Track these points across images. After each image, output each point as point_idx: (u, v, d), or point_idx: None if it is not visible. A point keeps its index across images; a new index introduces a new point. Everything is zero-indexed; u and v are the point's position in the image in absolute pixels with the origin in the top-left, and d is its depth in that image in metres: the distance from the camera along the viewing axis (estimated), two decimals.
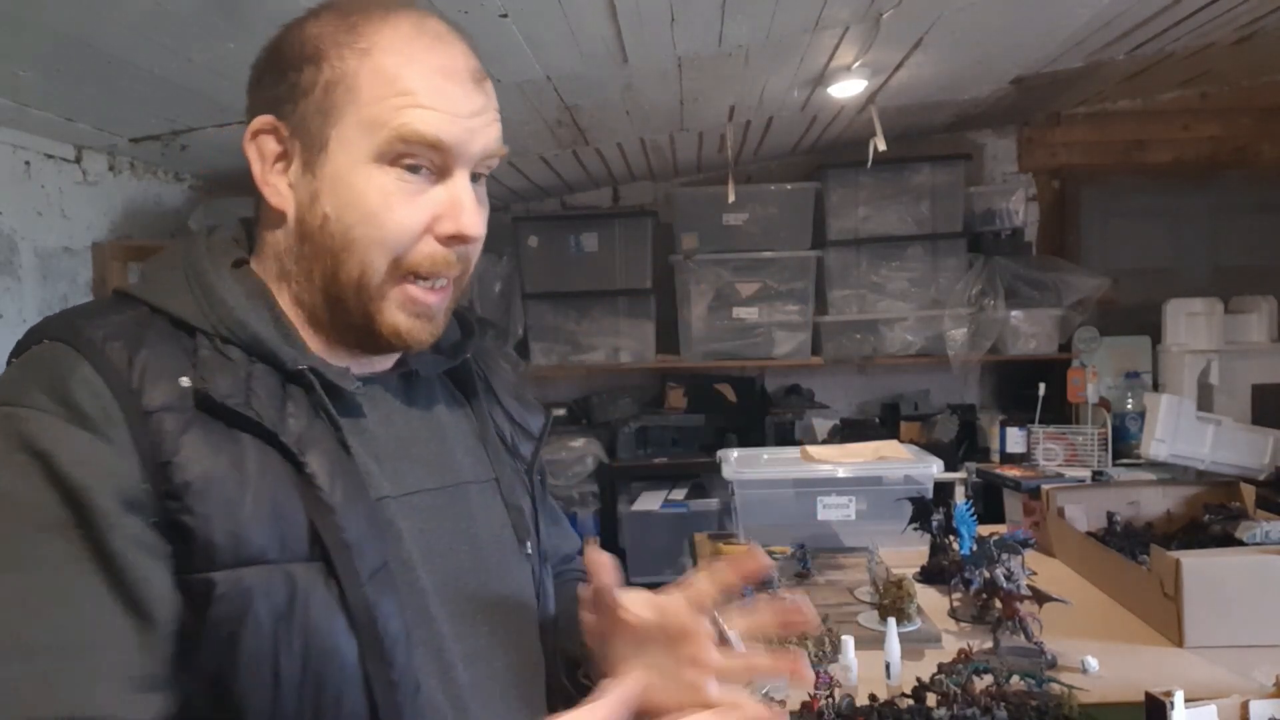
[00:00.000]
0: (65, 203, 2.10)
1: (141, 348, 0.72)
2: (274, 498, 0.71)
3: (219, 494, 0.69)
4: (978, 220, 3.60)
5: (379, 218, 0.77)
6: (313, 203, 0.78)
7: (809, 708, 1.24)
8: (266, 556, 0.70)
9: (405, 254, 0.78)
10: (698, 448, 3.56)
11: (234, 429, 0.72)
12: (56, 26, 1.38)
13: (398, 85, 0.76)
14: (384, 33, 0.77)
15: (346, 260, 0.78)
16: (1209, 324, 3.32)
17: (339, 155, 0.77)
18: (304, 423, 0.75)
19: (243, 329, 0.76)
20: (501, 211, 3.80)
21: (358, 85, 0.76)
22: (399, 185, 0.77)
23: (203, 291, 0.77)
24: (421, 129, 0.75)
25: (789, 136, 3.38)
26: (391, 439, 0.82)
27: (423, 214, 0.78)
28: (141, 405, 0.70)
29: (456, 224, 0.78)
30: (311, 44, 0.78)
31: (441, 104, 0.76)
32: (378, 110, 0.76)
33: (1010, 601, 1.49)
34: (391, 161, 0.76)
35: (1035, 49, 2.64)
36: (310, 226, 0.79)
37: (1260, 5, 2.42)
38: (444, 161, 0.78)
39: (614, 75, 2.15)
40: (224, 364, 0.74)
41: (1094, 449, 3.11)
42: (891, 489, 2.11)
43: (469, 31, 0.83)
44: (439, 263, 0.79)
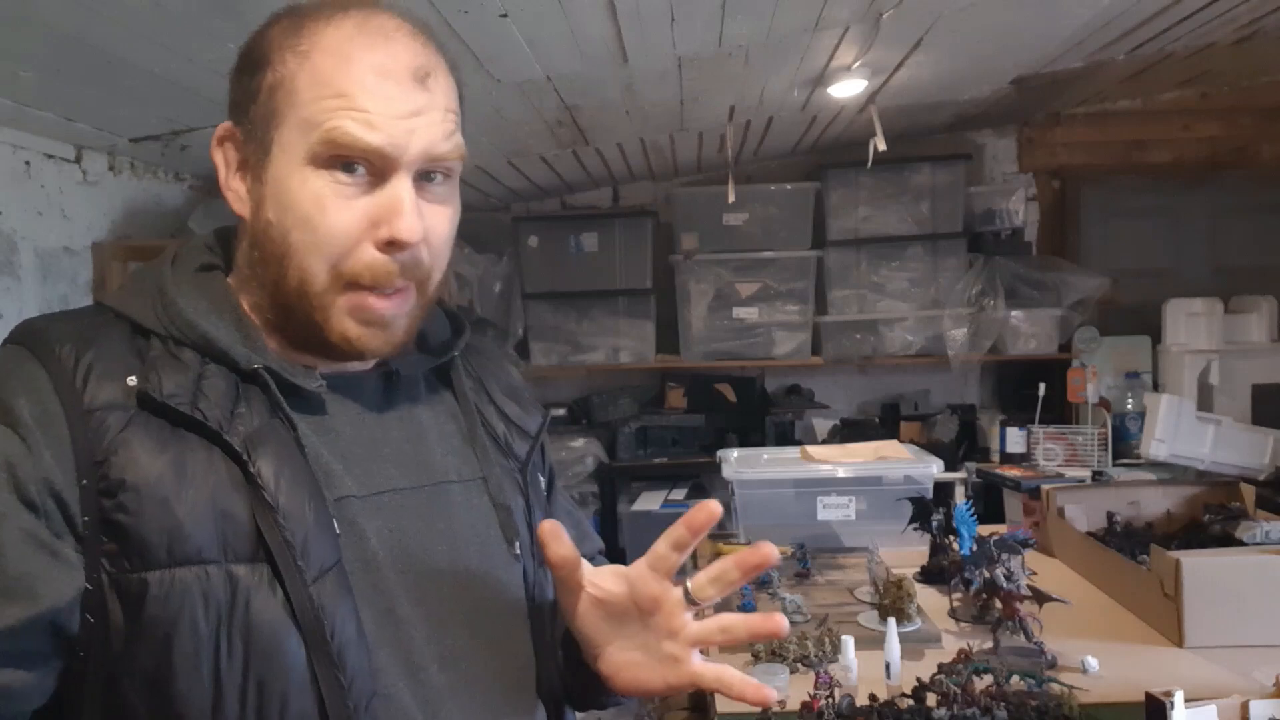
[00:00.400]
0: (65, 203, 2.10)
1: (90, 349, 0.73)
2: (215, 498, 0.71)
3: (155, 493, 0.69)
4: (978, 220, 3.60)
5: (311, 221, 0.75)
6: (259, 208, 0.77)
7: (809, 708, 1.24)
8: (204, 556, 0.69)
9: (343, 261, 0.76)
10: (698, 448, 3.56)
11: (179, 429, 0.72)
12: (56, 26, 1.38)
13: (332, 86, 0.74)
14: (326, 33, 0.76)
15: (288, 267, 0.76)
16: (1209, 324, 3.32)
17: (279, 159, 0.76)
18: (255, 423, 0.74)
19: (192, 329, 0.75)
20: (501, 211, 3.80)
21: (295, 88, 0.75)
22: (333, 188, 0.75)
23: (159, 295, 0.77)
24: (352, 130, 0.73)
25: (789, 136, 3.38)
26: (361, 439, 0.81)
27: (358, 218, 0.75)
28: (83, 404, 0.70)
29: (391, 229, 0.75)
30: (261, 49, 0.77)
31: (374, 105, 0.74)
32: (311, 112, 0.74)
33: (1010, 601, 1.49)
34: (325, 165, 0.75)
35: (1035, 49, 2.64)
36: (258, 232, 0.78)
37: (1260, 5, 2.42)
38: (381, 164, 0.75)
39: (614, 75, 2.15)
40: (174, 365, 0.74)
41: (1094, 449, 3.11)
42: (891, 489, 2.11)
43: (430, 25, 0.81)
44: (378, 272, 0.76)
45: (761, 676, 1.35)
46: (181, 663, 0.67)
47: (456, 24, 1.62)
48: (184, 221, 2.47)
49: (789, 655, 1.45)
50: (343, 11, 0.77)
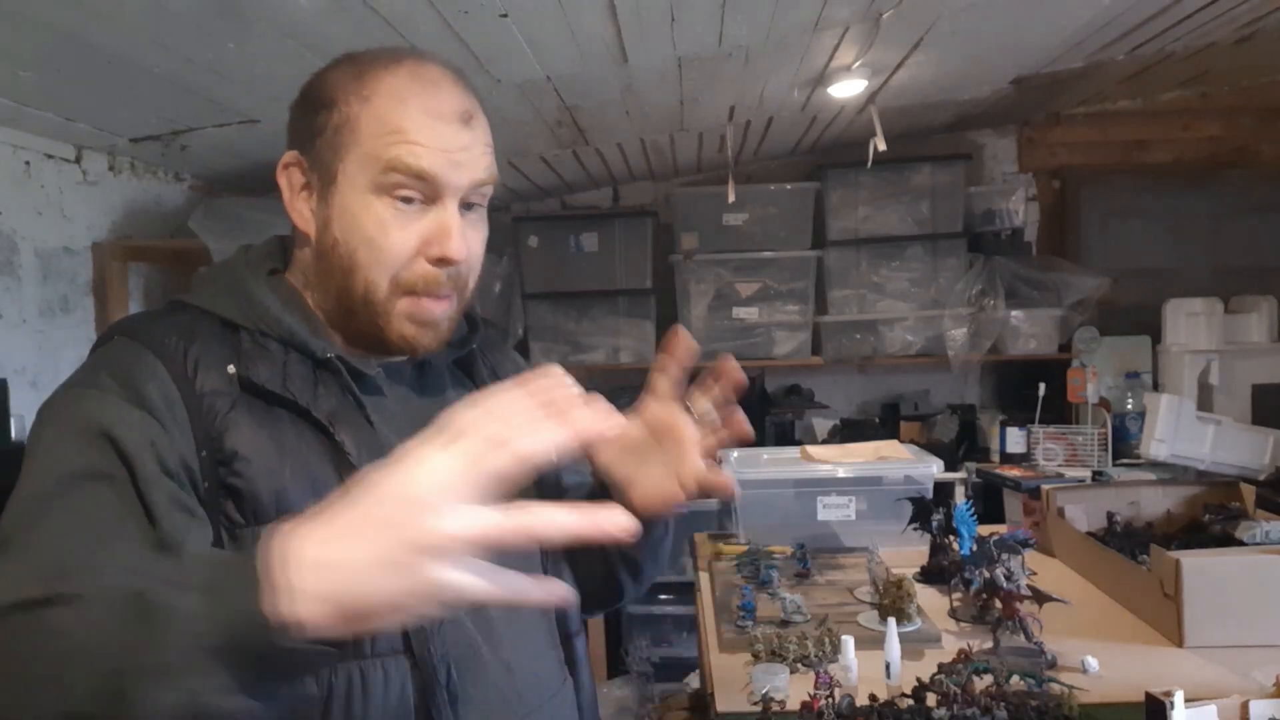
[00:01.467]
0: (65, 203, 2.10)
1: (194, 342, 0.87)
2: (309, 464, 0.85)
3: (262, 461, 0.83)
4: (978, 220, 3.60)
5: (376, 242, 0.89)
6: (326, 228, 0.91)
7: (809, 708, 1.24)
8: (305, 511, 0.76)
9: (400, 273, 0.90)
10: None
11: (274, 408, 0.86)
12: (56, 26, 1.38)
13: (390, 124, 0.87)
14: (384, 81, 0.89)
15: (354, 279, 0.90)
16: (1209, 324, 3.32)
17: (344, 187, 0.90)
18: (334, 402, 0.88)
19: (278, 325, 0.89)
20: (501, 211, 3.80)
21: (359, 127, 0.88)
22: (393, 213, 0.88)
23: (243, 295, 0.91)
24: (409, 160, 0.87)
25: (789, 136, 3.38)
26: (411, 418, 0.91)
27: (414, 239, 0.89)
28: (195, 389, 0.84)
29: (443, 248, 0.89)
30: (328, 91, 0.91)
31: (427, 139, 0.87)
32: (373, 147, 0.88)
33: (1010, 601, 1.49)
34: (387, 192, 0.88)
35: (1035, 49, 2.64)
36: (325, 248, 0.92)
37: (1260, 5, 2.42)
38: (433, 191, 0.89)
39: (614, 75, 2.15)
40: (264, 354, 0.88)
41: (1094, 449, 3.11)
42: (891, 489, 2.11)
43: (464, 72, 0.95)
44: (431, 282, 0.91)
45: (761, 677, 1.35)
46: None
47: (456, 24, 1.62)
48: (184, 221, 2.47)
49: (789, 655, 1.45)
50: (397, 61, 0.91)
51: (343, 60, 0.94)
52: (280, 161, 0.94)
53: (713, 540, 2.24)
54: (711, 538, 2.28)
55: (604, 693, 3.22)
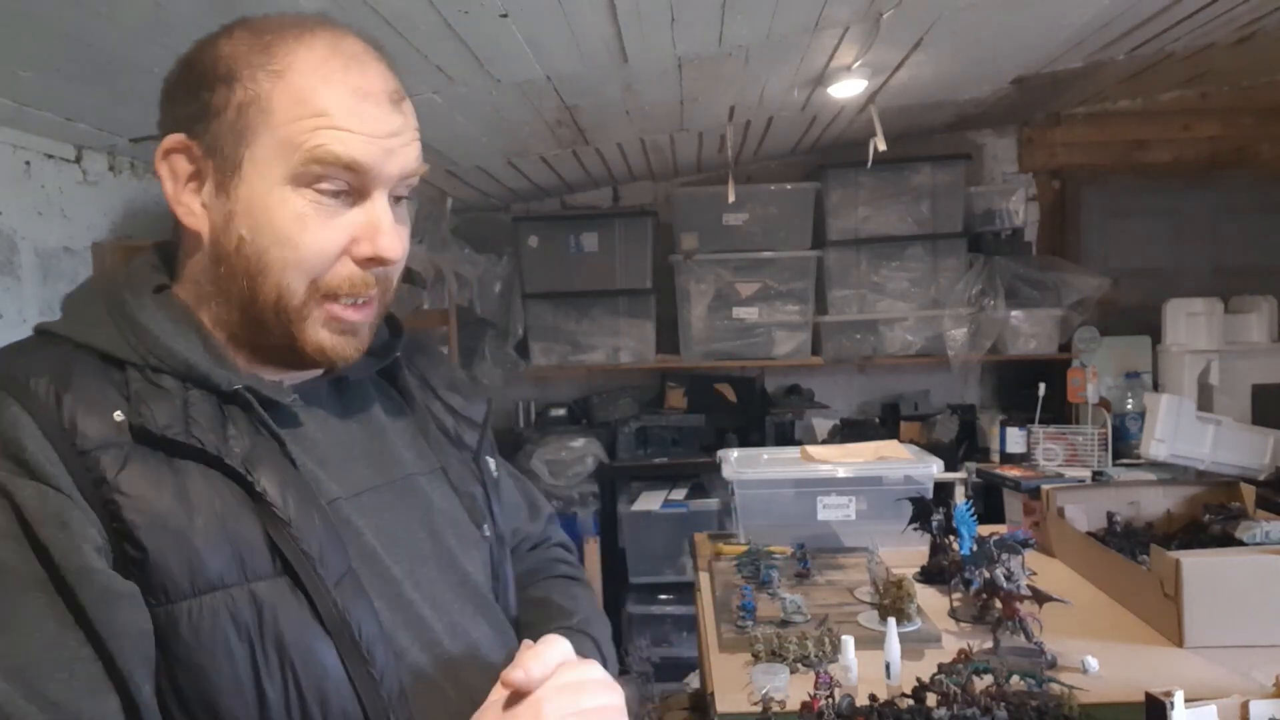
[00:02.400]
0: (65, 203, 2.10)
1: (69, 385, 0.72)
2: (225, 521, 0.72)
3: (169, 526, 0.70)
4: (978, 220, 3.60)
5: (294, 240, 0.76)
6: (227, 225, 0.78)
7: (809, 708, 1.24)
8: (226, 580, 0.71)
9: (322, 276, 0.78)
10: (698, 448, 3.56)
11: (175, 458, 0.72)
12: (56, 26, 1.38)
13: (312, 106, 0.75)
14: (299, 53, 0.77)
15: (263, 283, 0.77)
16: (1209, 324, 3.32)
17: (253, 177, 0.76)
18: (247, 442, 0.75)
19: (172, 357, 0.76)
20: (501, 211, 3.80)
21: (271, 106, 0.76)
22: (314, 207, 0.77)
23: (126, 323, 0.77)
24: (336, 150, 0.75)
25: (789, 136, 3.38)
26: (333, 443, 0.84)
27: (339, 236, 0.78)
28: (75, 446, 0.69)
29: (374, 246, 0.78)
30: (225, 63, 0.78)
31: (357, 125, 0.76)
32: (291, 131, 0.75)
33: (1010, 601, 1.49)
34: (307, 184, 0.76)
35: (1035, 49, 2.64)
36: (225, 249, 0.78)
37: (1260, 5, 2.42)
38: (361, 183, 0.78)
39: (614, 75, 2.15)
40: (158, 394, 0.74)
41: (1094, 449, 3.11)
42: (891, 489, 2.11)
43: (388, 50, 0.83)
44: (357, 285, 0.80)
45: (761, 677, 1.35)
46: (224, 684, 0.70)
47: (456, 24, 1.62)
48: None
49: (789, 655, 1.45)
50: (310, 32, 0.78)
51: (237, 27, 0.80)
52: (159, 147, 0.81)
53: (713, 540, 2.24)
54: (711, 538, 2.28)
55: None
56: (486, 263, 3.52)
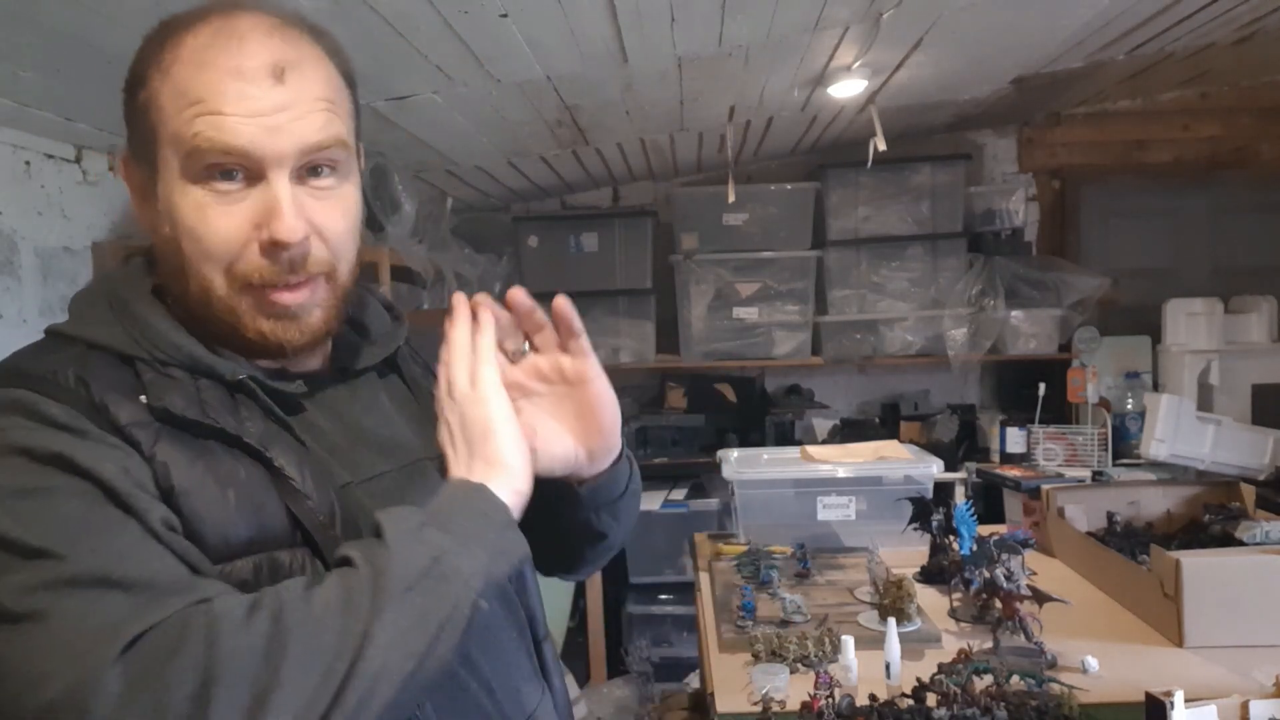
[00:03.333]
0: (65, 203, 2.10)
1: (93, 376, 0.74)
2: (251, 495, 0.75)
3: (204, 496, 0.73)
4: (978, 220, 3.60)
5: (195, 231, 0.77)
6: (158, 226, 0.79)
7: (809, 708, 1.24)
8: (252, 548, 0.74)
9: (234, 265, 0.78)
10: (698, 448, 3.56)
11: (199, 439, 0.75)
12: (57, 26, 1.38)
13: (189, 95, 0.75)
14: (185, 43, 0.76)
15: (189, 278, 0.79)
16: (1209, 324, 3.32)
17: (164, 175, 0.77)
18: (260, 426, 0.78)
19: (178, 350, 0.77)
20: (501, 211, 3.80)
21: (162, 104, 0.76)
22: (213, 196, 0.76)
23: (131, 321, 0.78)
24: (211, 135, 0.74)
25: (789, 136, 3.38)
26: (339, 431, 0.86)
27: (240, 223, 0.77)
28: (112, 420, 0.72)
29: (270, 230, 0.76)
30: (137, 67, 0.79)
31: (231, 106, 0.74)
32: (176, 125, 0.75)
33: (1010, 601, 1.49)
34: (200, 174, 0.76)
35: (1035, 49, 2.64)
36: (163, 250, 0.80)
37: (1260, 5, 2.42)
38: (253, 166, 0.76)
39: (614, 75, 2.15)
40: (172, 383, 0.76)
41: (1094, 449, 3.11)
42: (891, 489, 2.11)
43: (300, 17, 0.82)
44: (267, 273, 0.78)
45: (761, 677, 1.35)
46: None
47: (456, 24, 1.62)
48: None
49: (789, 655, 1.45)
50: (202, 19, 0.77)
51: (158, 25, 0.80)
52: (119, 159, 0.83)
53: (713, 540, 2.24)
54: (711, 538, 2.28)
55: (604, 693, 3.22)
56: (486, 263, 3.52)
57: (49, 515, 0.67)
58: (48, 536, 0.66)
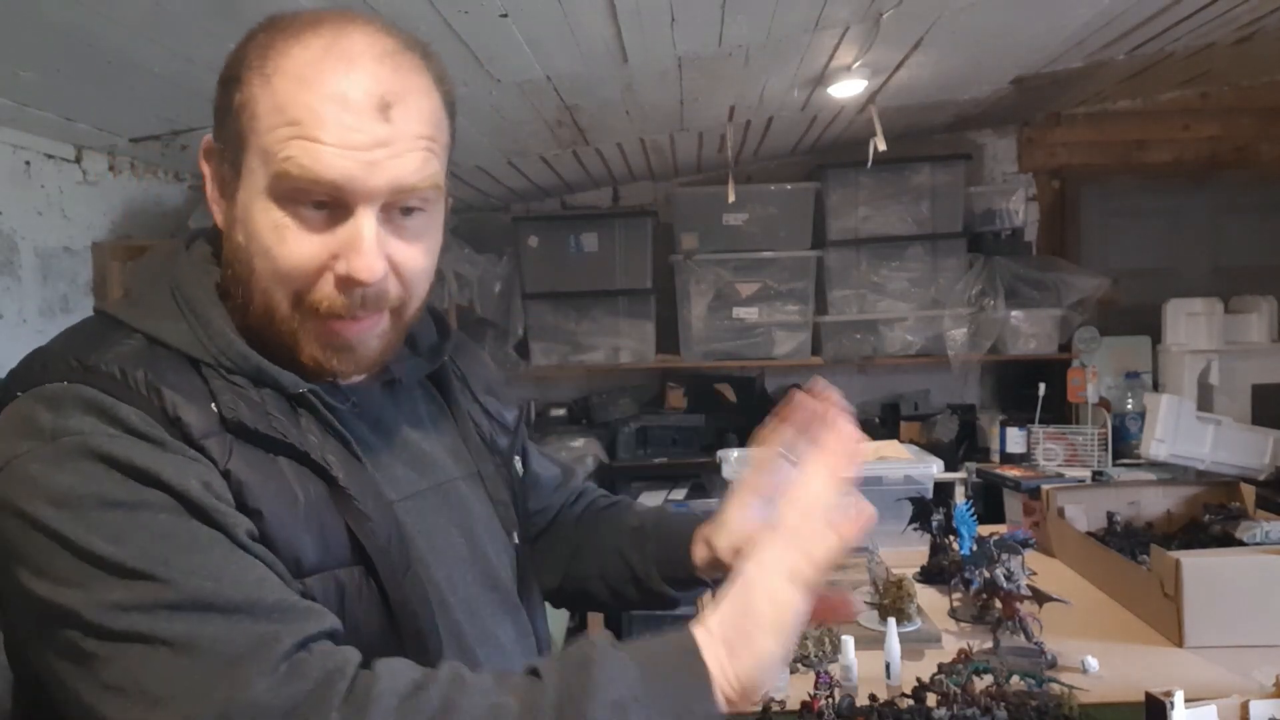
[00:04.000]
0: (65, 203, 2.10)
1: (164, 379, 0.71)
2: (316, 512, 0.74)
3: (278, 512, 0.71)
4: (978, 220, 3.60)
5: (271, 253, 0.73)
6: (231, 229, 0.76)
7: (809, 708, 1.24)
8: (319, 566, 0.73)
9: (304, 292, 0.75)
10: (698, 448, 3.56)
11: (266, 453, 0.73)
12: (56, 26, 1.38)
13: (287, 114, 0.71)
14: (291, 54, 0.72)
15: (255, 291, 0.75)
16: (1209, 324, 3.32)
17: (246, 184, 0.74)
18: (319, 440, 0.76)
19: (245, 361, 0.75)
20: (501, 211, 3.80)
21: (256, 113, 0.73)
22: (294, 220, 0.73)
23: (198, 321, 0.75)
24: (304, 163, 0.70)
25: (789, 136, 3.38)
26: (383, 446, 0.85)
27: (319, 251, 0.73)
28: (188, 434, 0.69)
29: (349, 266, 0.73)
30: (235, 63, 0.76)
31: (329, 135, 0.71)
32: (268, 141, 0.72)
33: (1010, 601, 1.49)
34: (284, 195, 0.72)
35: (1035, 49, 2.64)
36: (232, 251, 0.77)
37: (1260, 5, 2.42)
38: (342, 199, 0.72)
39: (614, 75, 2.15)
40: (239, 392, 0.74)
41: (1094, 449, 3.11)
42: (891, 489, 2.11)
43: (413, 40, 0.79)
44: (337, 305, 0.75)
45: None
46: None
47: (456, 24, 1.62)
48: (184, 221, 2.47)
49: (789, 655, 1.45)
50: (313, 29, 0.74)
51: (261, 27, 0.76)
52: (202, 147, 0.79)
53: None
54: None
55: None
56: (486, 263, 3.52)
57: (139, 532, 0.64)
58: (142, 556, 0.63)
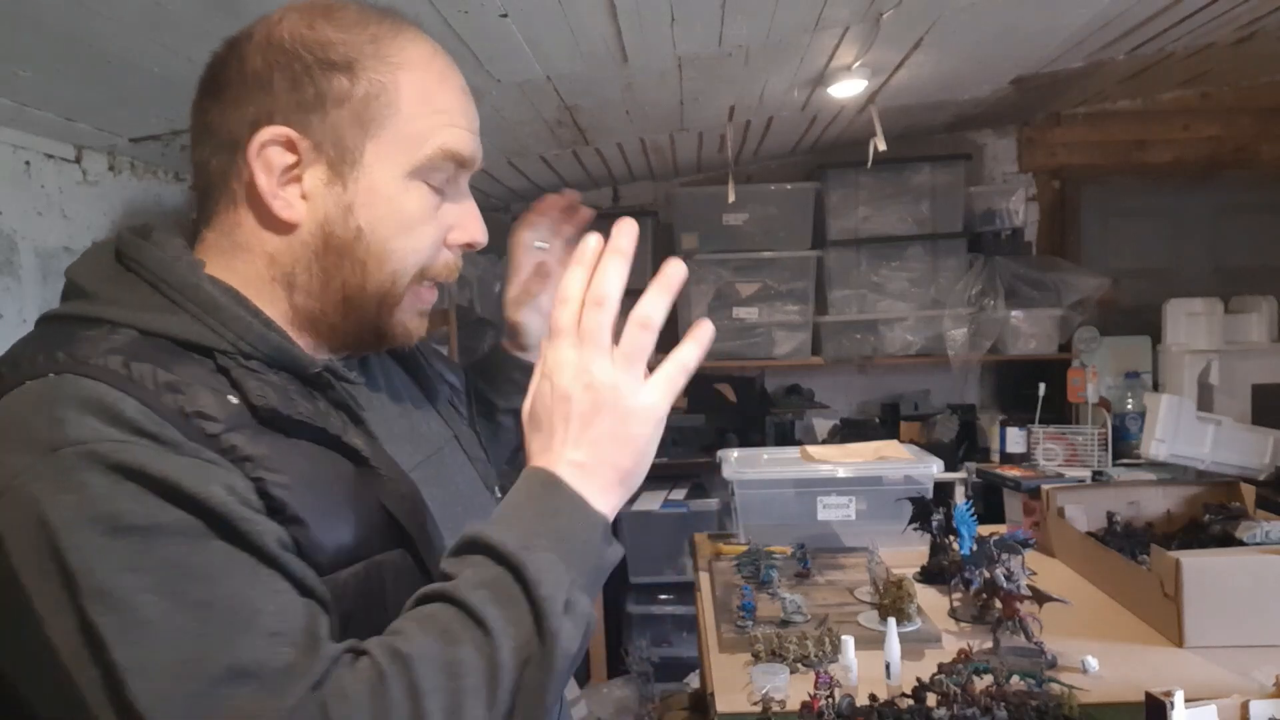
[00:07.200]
0: (65, 203, 2.10)
1: (171, 370, 0.68)
2: (350, 496, 0.73)
3: (311, 503, 0.69)
4: (978, 220, 3.60)
5: (416, 230, 0.80)
6: (345, 216, 0.78)
7: (809, 708, 1.24)
8: (360, 553, 0.73)
9: (429, 262, 0.83)
10: (698, 448, 3.56)
11: (290, 438, 0.72)
12: (57, 26, 1.38)
13: (435, 103, 0.80)
14: (413, 50, 0.80)
15: (378, 271, 0.80)
16: (1209, 324, 3.32)
17: (375, 168, 0.78)
18: (338, 421, 0.77)
19: (265, 342, 0.74)
20: (501, 211, 3.80)
21: (398, 100, 0.78)
22: (430, 199, 0.81)
23: (202, 309, 0.73)
24: (459, 147, 0.80)
25: (789, 136, 3.38)
26: (380, 421, 0.85)
27: (442, 224, 0.83)
28: (203, 430, 0.67)
29: (470, 234, 0.84)
30: (340, 51, 0.76)
31: (466, 121, 0.82)
32: (419, 126, 0.78)
33: (1010, 601, 1.49)
34: (424, 176, 0.80)
35: (1035, 49, 2.64)
36: (341, 239, 0.78)
37: (1260, 5, 2.42)
38: (460, 176, 0.83)
39: (614, 75, 2.15)
40: (256, 377, 0.72)
41: (1094, 449, 3.11)
42: (891, 489, 2.11)
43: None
44: (453, 269, 0.85)
45: (761, 677, 1.35)
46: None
47: (456, 24, 1.62)
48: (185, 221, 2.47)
49: (789, 655, 1.45)
50: (404, 26, 0.81)
51: (355, 14, 0.78)
52: (256, 140, 0.75)
53: (713, 540, 2.24)
54: (711, 538, 2.28)
55: (604, 693, 3.22)
56: (486, 263, 3.52)
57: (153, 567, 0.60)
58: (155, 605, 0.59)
